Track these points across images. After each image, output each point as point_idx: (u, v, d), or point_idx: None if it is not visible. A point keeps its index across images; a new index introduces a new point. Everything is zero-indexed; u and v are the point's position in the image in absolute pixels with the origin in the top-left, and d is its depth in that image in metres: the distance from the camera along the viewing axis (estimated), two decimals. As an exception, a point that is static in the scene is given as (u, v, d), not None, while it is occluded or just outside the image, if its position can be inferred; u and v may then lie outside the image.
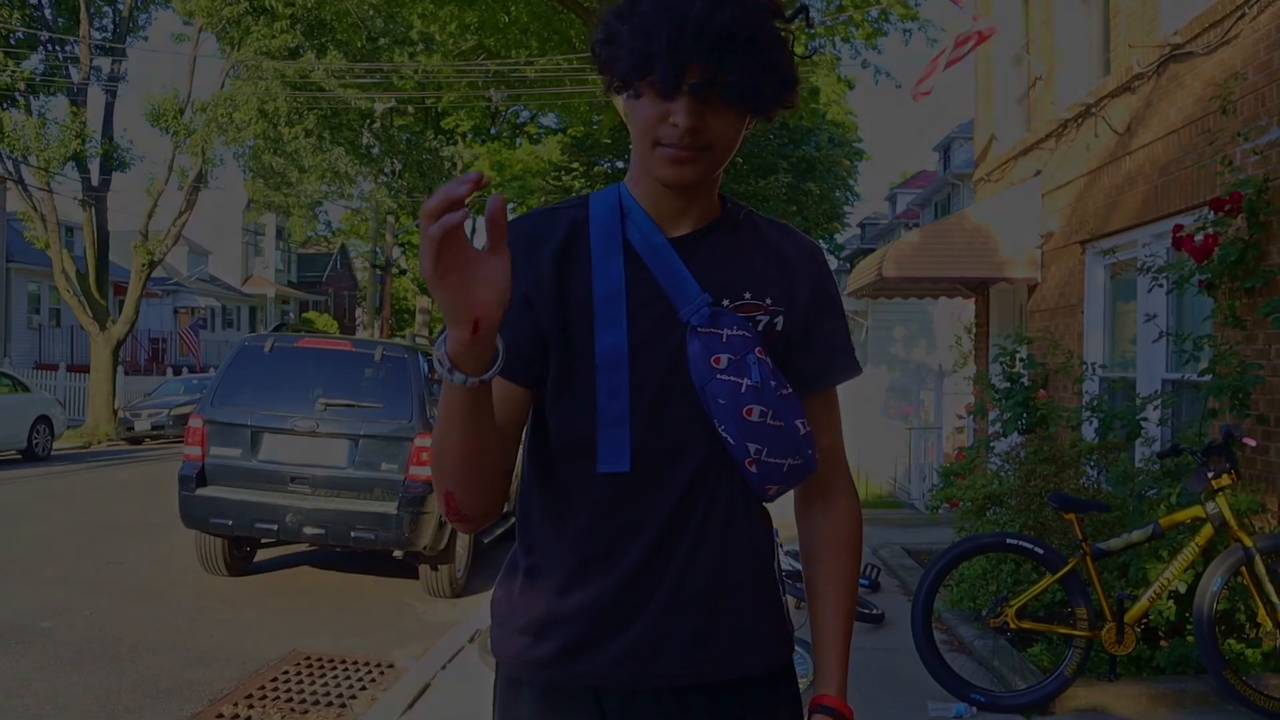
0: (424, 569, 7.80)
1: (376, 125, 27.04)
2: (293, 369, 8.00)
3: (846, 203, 33.02)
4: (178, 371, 30.16)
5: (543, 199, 29.63)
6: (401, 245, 41.45)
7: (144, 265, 22.73)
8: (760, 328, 1.56)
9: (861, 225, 55.32)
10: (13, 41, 21.25)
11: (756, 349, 1.52)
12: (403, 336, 48.46)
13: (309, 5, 20.53)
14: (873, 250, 47.40)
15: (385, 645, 6.48)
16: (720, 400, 1.49)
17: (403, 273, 42.60)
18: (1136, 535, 5.09)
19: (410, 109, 27.68)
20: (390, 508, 7.36)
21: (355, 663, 6.03)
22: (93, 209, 22.79)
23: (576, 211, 1.59)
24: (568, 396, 1.54)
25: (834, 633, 1.64)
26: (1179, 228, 6.19)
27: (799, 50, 1.52)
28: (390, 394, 7.72)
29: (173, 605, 7.24)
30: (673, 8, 1.41)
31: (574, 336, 1.53)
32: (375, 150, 29.14)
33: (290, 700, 5.36)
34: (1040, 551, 5.15)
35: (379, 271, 36.49)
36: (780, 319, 1.58)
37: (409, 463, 7.44)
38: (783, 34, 1.47)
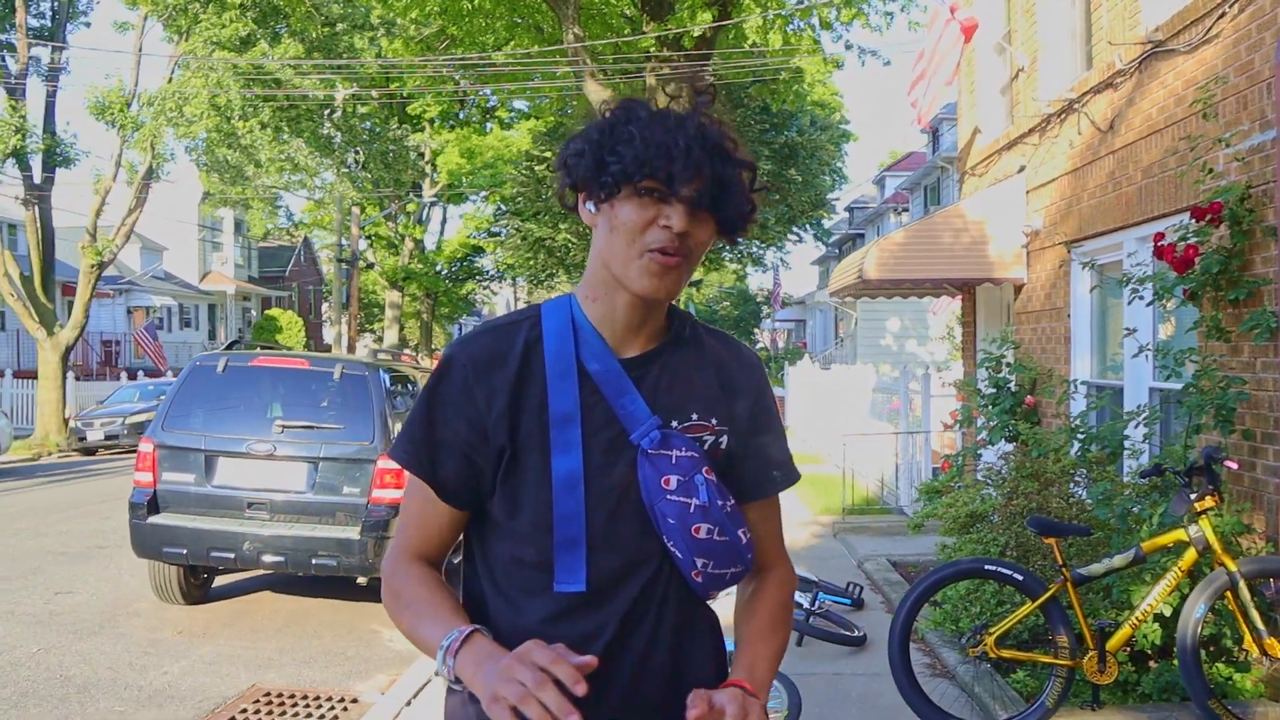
0: (388, 594, 7.53)
1: (337, 115, 26.53)
2: (248, 389, 7.74)
3: (833, 187, 32.75)
4: (132, 375, 29.35)
5: (514, 190, 29.25)
6: (368, 238, 40.85)
7: (93, 266, 22.12)
8: (706, 447, 1.63)
9: (850, 209, 54.66)
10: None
11: (704, 469, 1.59)
12: (374, 336, 47.93)
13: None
14: (861, 236, 46.94)
15: (350, 676, 6.28)
16: (670, 520, 1.56)
17: (370, 266, 42.03)
18: (1119, 560, 4.97)
19: (374, 95, 27.17)
20: (353, 533, 7.13)
21: (318, 698, 5.84)
22: (36, 207, 22.11)
23: (529, 330, 1.63)
24: (523, 517, 1.59)
25: (752, 638, 1.69)
26: (1160, 236, 6.05)
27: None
28: (351, 414, 7.46)
29: (125, 639, 6.96)
30: (673, 121, 1.54)
31: (529, 460, 1.58)
32: (336, 141, 28.56)
33: (248, 750, 5.13)
34: (1019, 578, 5.01)
35: (345, 266, 36.00)
36: (725, 438, 1.66)
37: (371, 485, 7.20)
38: (751, 165, 1.63)
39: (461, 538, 1.74)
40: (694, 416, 1.63)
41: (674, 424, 1.61)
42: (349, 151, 30.54)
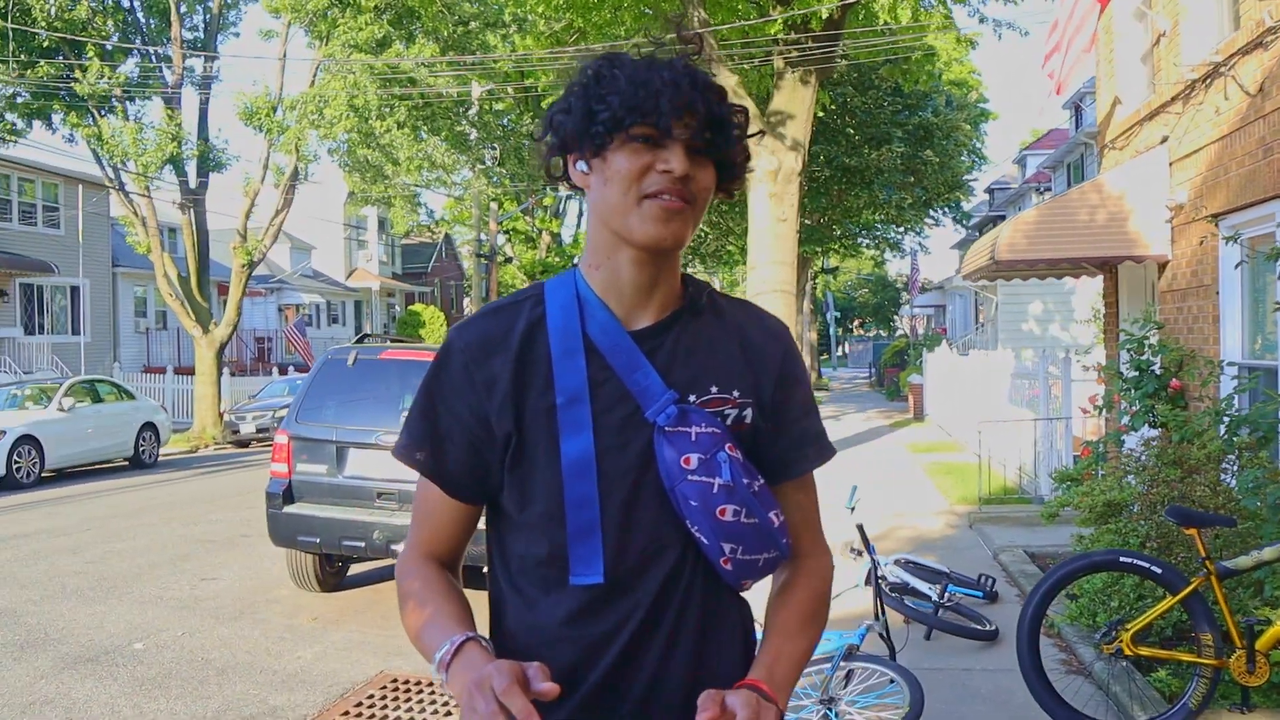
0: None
1: (473, 112, 27.00)
2: (378, 381, 7.89)
3: (972, 168, 31.76)
4: (284, 371, 30.55)
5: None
6: (506, 232, 41.59)
7: (244, 265, 23.08)
8: (729, 421, 1.52)
9: (990, 190, 53.03)
10: (109, 48, 21.72)
11: (727, 445, 1.48)
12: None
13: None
14: (1002, 218, 45.57)
15: (474, 665, 6.33)
16: (692, 502, 1.46)
17: (509, 260, 42.82)
18: (1268, 553, 4.63)
19: (510, 91, 27.57)
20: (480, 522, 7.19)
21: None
22: (191, 211, 23.21)
23: (532, 309, 1.55)
24: (534, 507, 1.49)
25: (777, 634, 1.57)
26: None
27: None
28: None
29: (263, 624, 7.21)
30: (661, 63, 1.46)
31: (537, 446, 1.48)
32: (472, 138, 29.10)
33: (372, 733, 5.24)
34: (1158, 571, 4.73)
35: (484, 260, 36.71)
36: (749, 411, 1.54)
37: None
38: (744, 113, 1.52)
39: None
40: (713, 389, 1.52)
41: (692, 398, 1.50)
42: (485, 148, 31.09)
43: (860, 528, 5.37)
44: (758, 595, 1.62)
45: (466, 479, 1.55)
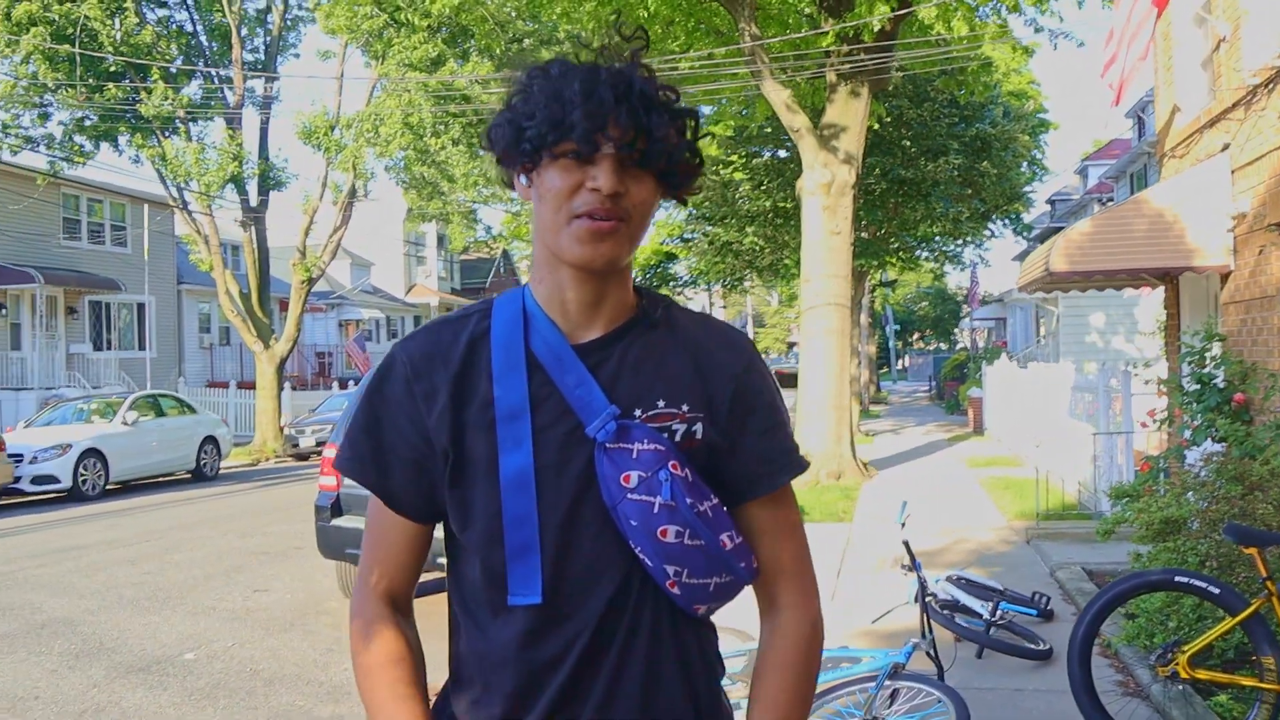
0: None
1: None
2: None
3: (1032, 179, 31.23)
4: (344, 385, 30.96)
5: (701, 195, 29.26)
6: (563, 247, 41.73)
7: (303, 282, 23.44)
8: (677, 438, 1.45)
9: (1051, 201, 52.26)
10: (172, 71, 22.21)
11: (670, 463, 1.41)
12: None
13: (445, 14, 20.64)
14: (1063, 229, 45.05)
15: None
16: (633, 521, 1.40)
17: (563, 274, 42.97)
18: (1335, 572, 4.47)
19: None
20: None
21: (486, 700, 5.88)
22: (252, 229, 23.64)
23: (478, 323, 1.50)
24: (475, 525, 1.45)
25: (757, 705, 1.50)
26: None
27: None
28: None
29: (312, 636, 7.25)
30: (585, 70, 1.38)
31: (476, 462, 1.44)
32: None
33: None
34: (1215, 591, 4.57)
35: (539, 275, 36.88)
36: (699, 426, 1.46)
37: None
38: (691, 115, 1.45)
39: None
40: (660, 404, 1.45)
41: (637, 413, 1.43)
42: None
43: (906, 544, 5.26)
44: (740, 615, 1.55)
45: (413, 495, 1.50)
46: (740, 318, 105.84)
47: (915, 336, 78.85)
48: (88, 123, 22.01)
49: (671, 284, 48.57)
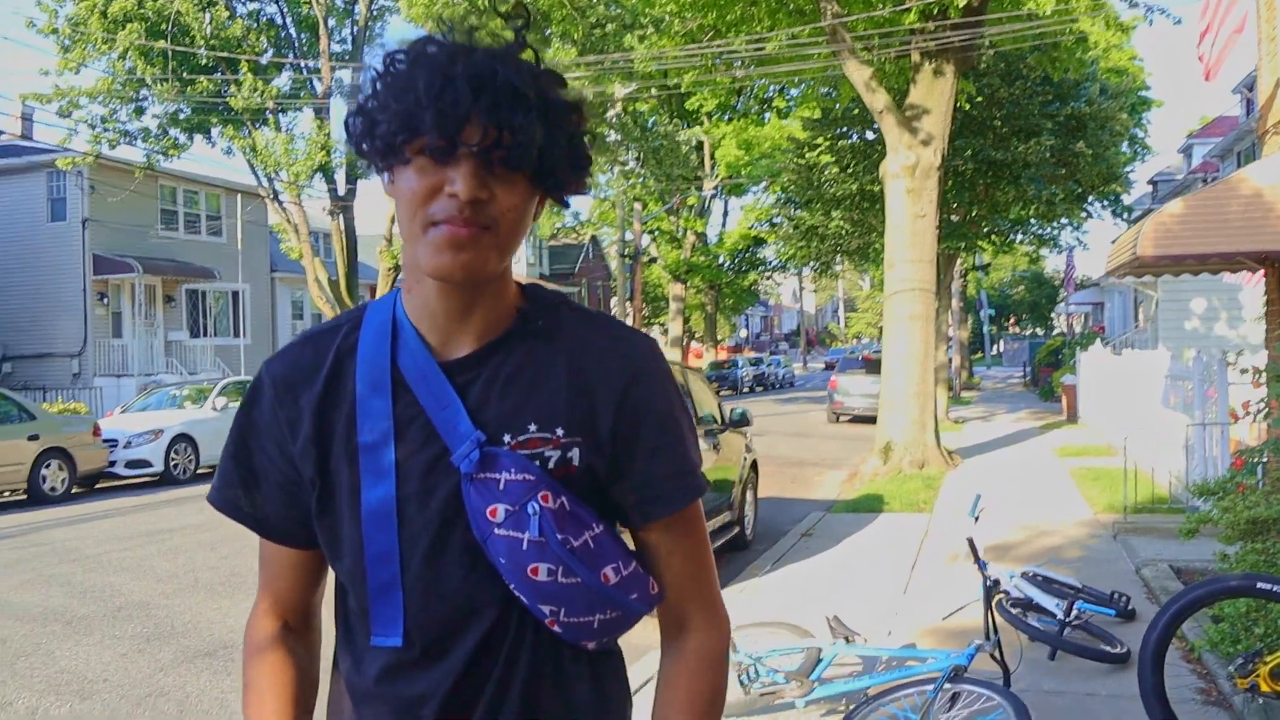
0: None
1: (613, 114, 27.12)
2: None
3: (1133, 158, 30.10)
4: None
5: (787, 179, 28.91)
6: (651, 233, 41.77)
7: (390, 269, 23.78)
8: (551, 465, 1.31)
9: (1153, 182, 50.37)
10: (262, 63, 22.65)
11: (540, 495, 1.28)
12: (660, 328, 49.13)
13: (523, -2, 20.68)
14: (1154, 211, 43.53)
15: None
16: (501, 559, 1.28)
17: (653, 261, 42.97)
18: None
19: (654, 91, 27.60)
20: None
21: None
22: (340, 217, 24.04)
23: (346, 335, 1.37)
24: (344, 559, 1.35)
25: None
26: None
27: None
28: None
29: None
30: (442, 59, 1.21)
31: (340, 493, 1.33)
32: (610, 139, 29.24)
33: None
34: (1304, 598, 4.29)
35: (628, 261, 36.98)
36: (576, 451, 1.32)
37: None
38: (572, 107, 1.29)
39: None
40: (531, 428, 1.30)
41: (506, 439, 1.29)
42: (624, 149, 31.19)
43: (970, 541, 5.05)
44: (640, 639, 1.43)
45: (288, 523, 1.40)
46: (831, 302, 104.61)
47: (1011, 321, 77.24)
48: (181, 116, 22.58)
49: (760, 268, 48.19)
